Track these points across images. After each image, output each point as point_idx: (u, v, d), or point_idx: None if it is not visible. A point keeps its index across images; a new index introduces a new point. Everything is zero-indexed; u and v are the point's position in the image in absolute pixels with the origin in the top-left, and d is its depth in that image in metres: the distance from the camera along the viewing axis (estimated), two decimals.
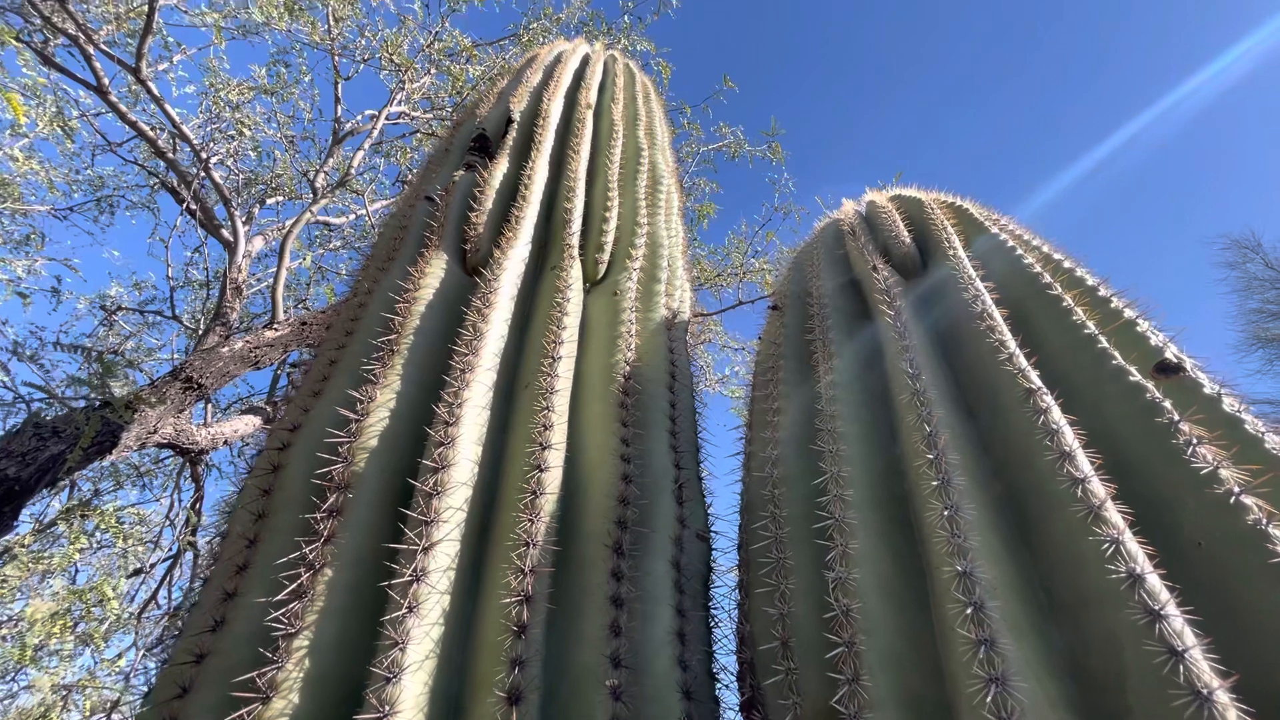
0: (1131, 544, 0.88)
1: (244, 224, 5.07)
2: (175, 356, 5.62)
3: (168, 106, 4.86)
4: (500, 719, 0.92)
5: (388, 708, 0.89)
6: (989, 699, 0.81)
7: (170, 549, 5.49)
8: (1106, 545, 0.89)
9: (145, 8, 4.46)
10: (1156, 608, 0.81)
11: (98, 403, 2.62)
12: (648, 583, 1.26)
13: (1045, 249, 1.60)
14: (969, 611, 0.89)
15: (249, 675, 0.93)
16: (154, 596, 5.50)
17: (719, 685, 1.32)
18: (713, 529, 1.62)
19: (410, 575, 1.02)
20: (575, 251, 1.81)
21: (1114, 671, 0.83)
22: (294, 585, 1.02)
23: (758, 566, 1.29)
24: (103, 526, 3.57)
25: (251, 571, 1.12)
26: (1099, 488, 0.95)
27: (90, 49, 4.62)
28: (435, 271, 1.62)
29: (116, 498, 5.04)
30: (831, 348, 1.46)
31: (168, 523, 4.68)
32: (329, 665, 0.99)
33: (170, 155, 5.15)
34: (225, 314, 4.33)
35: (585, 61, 2.91)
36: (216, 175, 4.93)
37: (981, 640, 0.86)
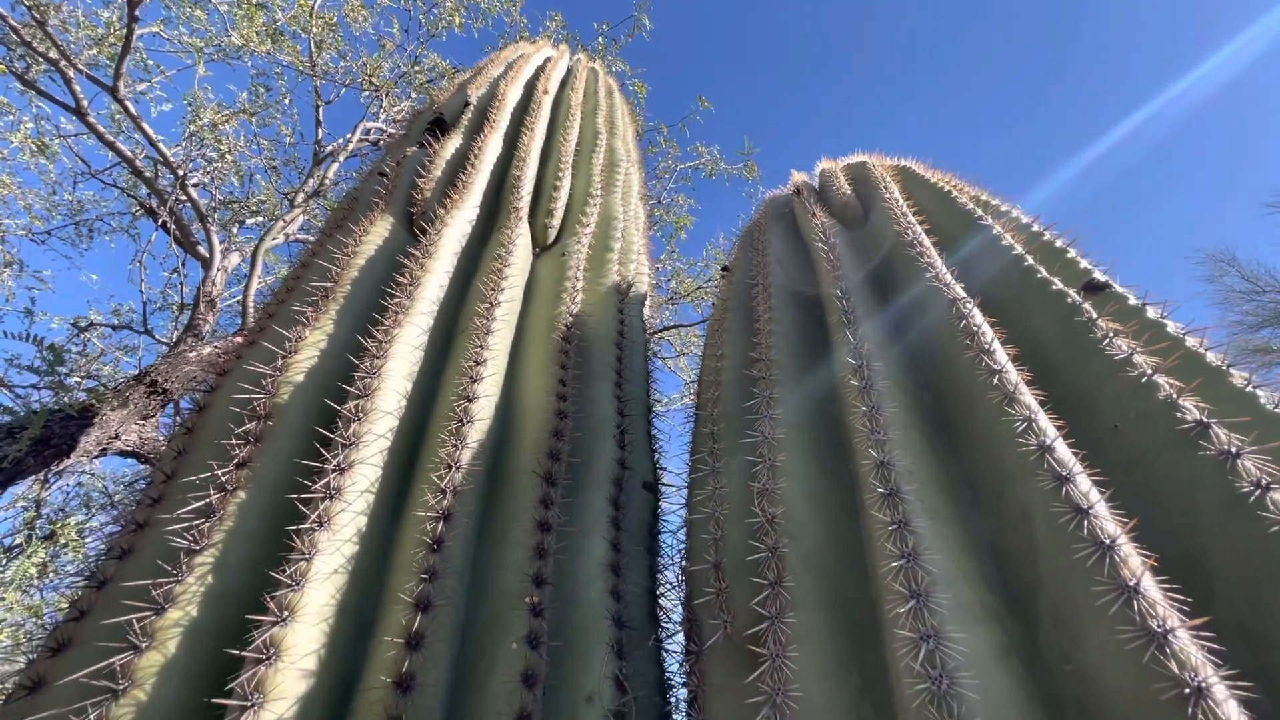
0: (1043, 420, 0.87)
1: (220, 241, 5.08)
2: None
3: (145, 125, 4.92)
4: (404, 627, 0.88)
5: (286, 613, 0.85)
6: (902, 575, 0.79)
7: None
8: (1019, 424, 0.88)
9: (124, 31, 4.55)
10: (1064, 473, 0.80)
11: (50, 400, 2.58)
12: (582, 516, 1.23)
13: (984, 196, 1.62)
14: (884, 495, 0.87)
15: (144, 584, 0.89)
16: None
17: (666, 626, 1.28)
18: (667, 484, 1.60)
19: (323, 492, 0.99)
20: (524, 215, 1.82)
21: (1027, 544, 0.81)
22: (200, 504, 0.99)
23: (696, 498, 1.26)
24: (63, 540, 3.47)
25: (165, 503, 1.09)
26: (1014, 374, 0.95)
27: (70, 72, 4.70)
28: (380, 230, 1.62)
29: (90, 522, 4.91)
30: (770, 289, 1.47)
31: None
32: (237, 584, 0.95)
33: (148, 175, 5.19)
34: (198, 325, 4.30)
35: (548, 60, 2.97)
36: (194, 192, 4.96)
37: (896, 521, 0.84)
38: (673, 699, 1.15)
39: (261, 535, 1.02)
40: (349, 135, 5.39)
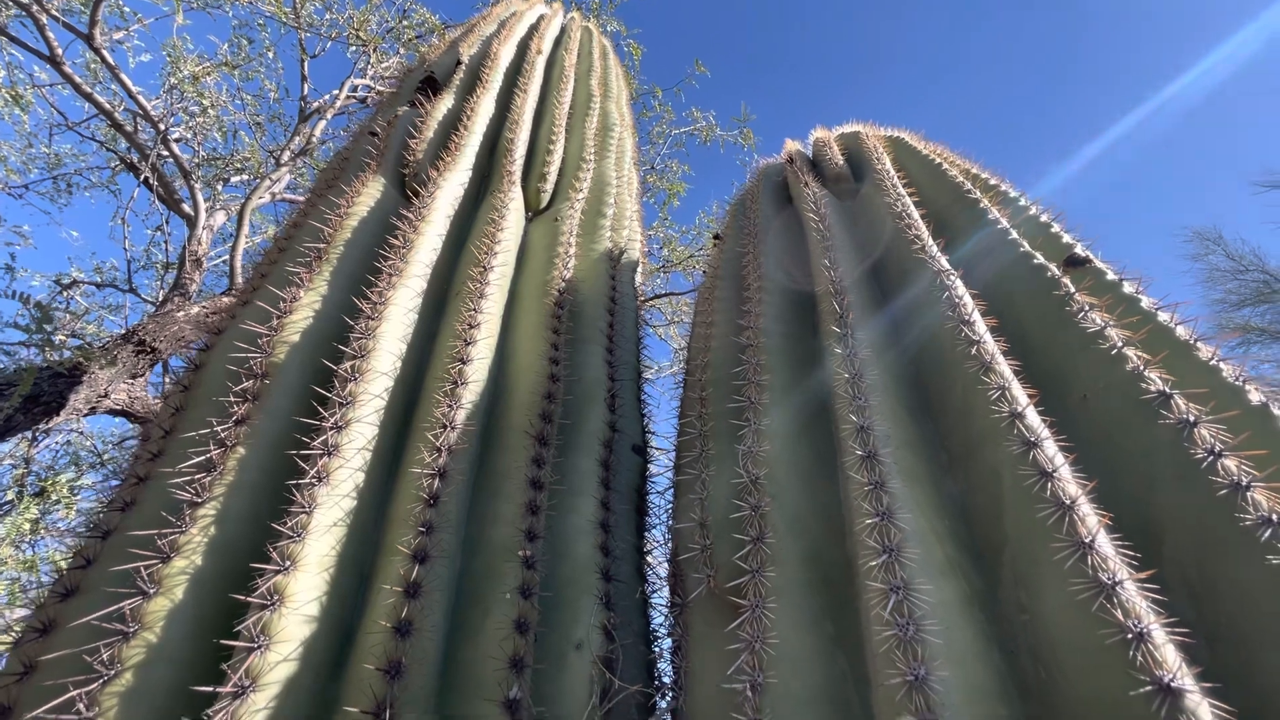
0: (1015, 389, 0.91)
1: (205, 199, 4.98)
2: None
3: (124, 76, 4.76)
4: (402, 576, 0.92)
5: (288, 562, 0.89)
6: (876, 532, 0.84)
7: None
8: (994, 392, 0.92)
9: None
10: (1032, 438, 0.84)
11: (38, 357, 2.56)
12: (573, 476, 1.27)
13: (974, 169, 1.64)
14: (863, 457, 0.91)
15: (149, 534, 0.92)
16: None
17: (652, 581, 1.34)
18: (656, 448, 1.64)
19: (321, 449, 1.02)
20: (516, 179, 1.81)
21: (994, 504, 0.86)
22: (202, 459, 1.02)
23: (684, 462, 1.31)
24: (55, 496, 3.49)
25: (165, 458, 1.12)
26: (991, 345, 0.98)
27: (43, 18, 4.52)
28: (372, 192, 1.62)
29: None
30: (760, 260, 1.49)
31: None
32: (238, 535, 0.99)
33: (128, 129, 5.05)
34: (184, 285, 4.25)
35: (541, 18, 2.91)
36: (176, 148, 4.83)
37: (873, 482, 0.88)
38: (658, 648, 1.21)
39: (261, 489, 1.05)
40: (336, 92, 5.25)
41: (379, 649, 0.86)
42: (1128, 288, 1.16)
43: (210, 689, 0.79)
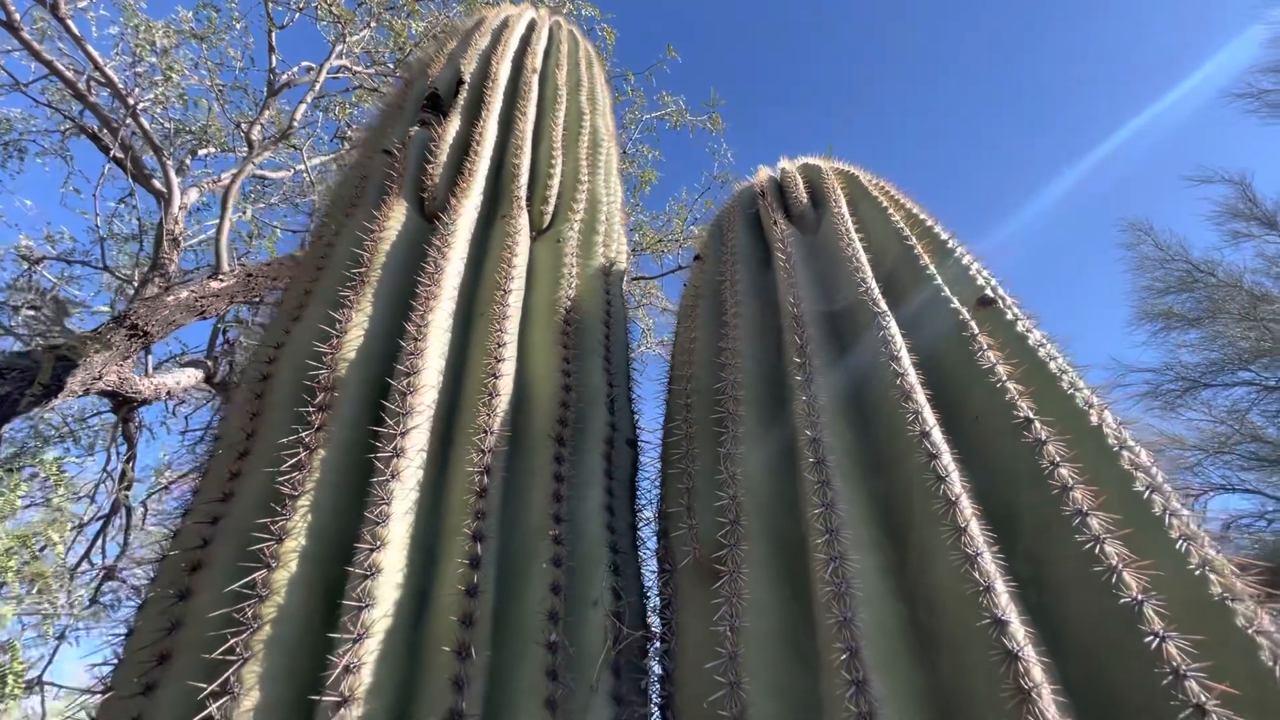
0: (927, 412, 1.24)
1: (176, 175, 4.95)
2: (103, 311, 5.46)
3: (89, 47, 4.66)
4: (467, 552, 1.20)
5: (379, 543, 1.16)
6: (821, 517, 1.16)
7: (102, 509, 5.43)
8: (910, 416, 1.24)
9: None
10: (934, 451, 1.17)
11: (43, 344, 2.67)
12: (583, 469, 1.56)
13: (915, 211, 1.96)
14: (814, 462, 1.23)
15: (263, 522, 1.17)
16: (87, 554, 5.44)
17: (642, 552, 1.65)
18: (641, 439, 1.94)
19: (391, 452, 1.28)
20: (523, 203, 2.05)
21: (906, 499, 1.19)
22: (294, 460, 1.26)
23: (672, 457, 1.61)
24: (44, 474, 3.58)
25: (252, 457, 1.35)
26: (912, 377, 1.31)
27: None
28: (398, 216, 1.83)
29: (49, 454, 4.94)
30: (737, 287, 1.78)
31: (106, 476, 4.66)
32: (325, 522, 1.24)
33: (93, 100, 4.95)
34: (164, 265, 4.29)
35: (531, 27, 3.07)
36: (146, 123, 4.78)
37: (820, 480, 1.20)
38: (653, 604, 1.53)
39: (338, 486, 1.30)
40: (315, 75, 5.23)
41: (456, 606, 1.14)
42: (1019, 327, 1.50)
43: (335, 635, 1.06)
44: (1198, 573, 1.02)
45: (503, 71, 2.48)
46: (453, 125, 2.17)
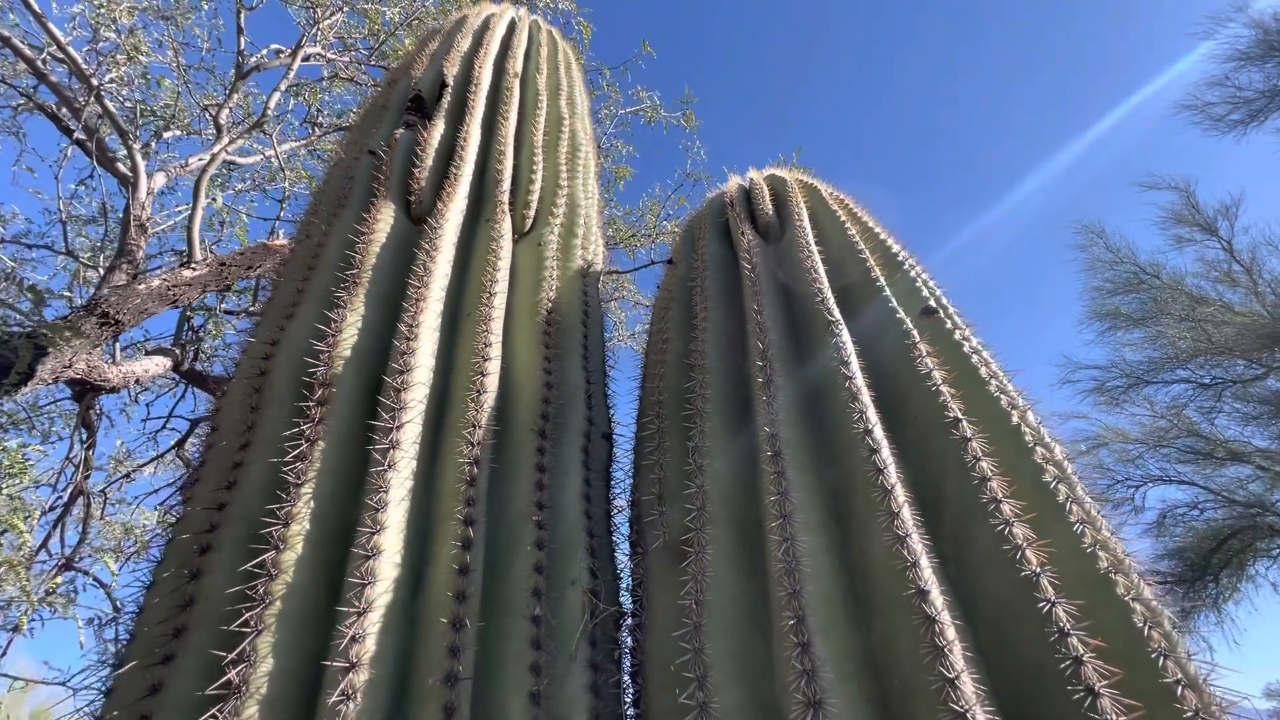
0: (871, 412, 1.41)
1: (142, 159, 4.87)
2: (65, 296, 5.34)
3: (50, 25, 4.54)
4: (459, 535, 1.33)
5: (379, 526, 1.27)
6: (777, 503, 1.31)
7: (61, 498, 5.33)
8: (856, 414, 1.41)
9: None
10: (875, 446, 1.34)
11: (19, 331, 2.66)
12: (563, 460, 1.69)
13: (870, 224, 2.13)
14: (771, 455, 1.38)
15: (270, 508, 1.27)
16: (45, 544, 5.35)
17: (616, 536, 1.79)
18: (615, 432, 2.08)
19: (388, 444, 1.39)
20: (506, 207, 2.15)
21: (850, 487, 1.36)
22: (296, 451, 1.36)
23: (645, 450, 1.76)
24: (8, 462, 3.55)
25: (253, 448, 1.45)
26: (859, 379, 1.47)
27: None
28: (386, 219, 1.92)
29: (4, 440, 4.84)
30: (707, 294, 1.92)
31: (67, 463, 4.60)
32: (326, 509, 1.35)
33: (52, 79, 4.82)
34: (131, 251, 4.24)
35: (511, 29, 3.15)
36: (111, 106, 4.69)
37: (777, 471, 1.36)
38: (625, 583, 1.67)
39: (336, 475, 1.41)
40: (290, 61, 5.18)
41: (449, 583, 1.26)
42: (956, 335, 1.68)
43: (339, 609, 1.17)
44: (1089, 550, 1.21)
45: (485, 76, 2.57)
46: (437, 129, 2.26)
